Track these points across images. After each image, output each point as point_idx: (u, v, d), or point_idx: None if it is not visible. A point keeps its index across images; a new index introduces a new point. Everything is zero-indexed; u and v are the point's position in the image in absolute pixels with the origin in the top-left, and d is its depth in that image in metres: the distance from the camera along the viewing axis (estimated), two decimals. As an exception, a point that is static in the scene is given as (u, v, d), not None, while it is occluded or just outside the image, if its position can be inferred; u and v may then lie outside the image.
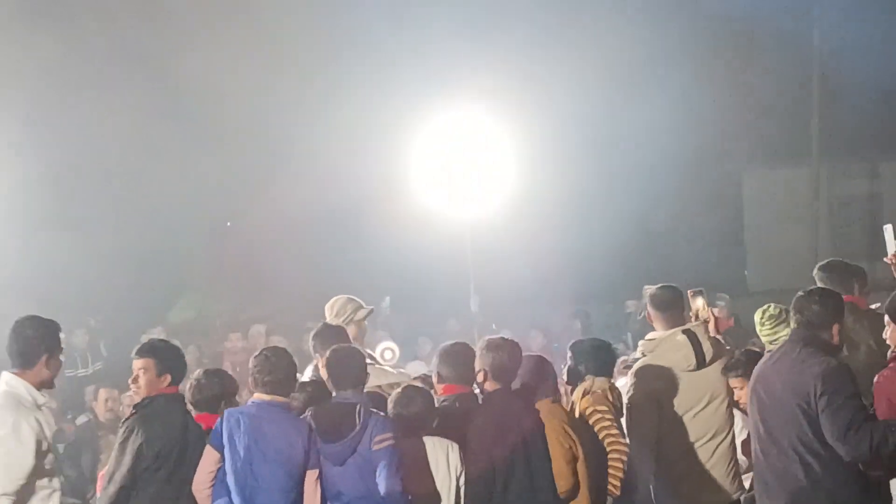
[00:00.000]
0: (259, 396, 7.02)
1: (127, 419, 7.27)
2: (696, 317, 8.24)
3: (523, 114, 15.33)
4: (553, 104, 15.96)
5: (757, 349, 8.39)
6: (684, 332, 7.86)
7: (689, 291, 8.38)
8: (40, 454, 7.02)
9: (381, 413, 7.18)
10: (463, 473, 7.14)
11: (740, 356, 7.99)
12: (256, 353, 7.22)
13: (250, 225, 18.41)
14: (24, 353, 7.12)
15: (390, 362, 11.03)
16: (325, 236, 17.33)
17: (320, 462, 6.96)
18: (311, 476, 6.90)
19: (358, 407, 6.99)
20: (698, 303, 8.34)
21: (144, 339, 9.26)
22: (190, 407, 7.41)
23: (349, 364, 7.20)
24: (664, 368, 7.80)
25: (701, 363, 7.80)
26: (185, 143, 17.76)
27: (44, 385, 7.21)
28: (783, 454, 6.56)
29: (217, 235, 19.18)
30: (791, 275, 15.40)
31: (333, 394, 7.22)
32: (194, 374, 7.59)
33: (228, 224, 19.64)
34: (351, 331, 8.72)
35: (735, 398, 7.98)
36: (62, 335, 7.51)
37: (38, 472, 7.01)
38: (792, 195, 26.99)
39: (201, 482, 6.89)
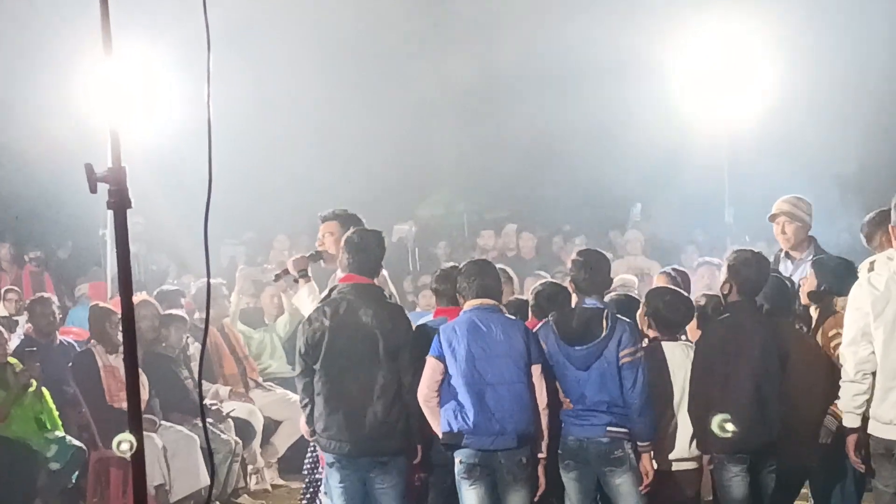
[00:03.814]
0: (470, 303, 7.01)
1: None
2: None
3: (784, 18, 14.75)
4: (817, 6, 15.28)
5: None
6: None
7: None
8: None
9: (628, 319, 7.11)
10: None
11: None
12: (464, 264, 7.23)
13: (510, 135, 18.41)
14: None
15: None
16: (584, 146, 17.17)
17: (565, 364, 6.93)
18: (536, 370, 6.89)
19: (605, 312, 6.93)
20: None
21: (396, 231, 9.47)
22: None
23: (597, 269, 7.12)
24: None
25: None
26: (442, 40, 17.85)
27: None
28: None
29: (468, 137, 19.24)
30: None
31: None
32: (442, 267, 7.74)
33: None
34: None
35: None
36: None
37: None
38: None
39: (428, 394, 6.92)
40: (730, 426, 6.86)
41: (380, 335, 7.04)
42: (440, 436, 6.91)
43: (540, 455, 6.93)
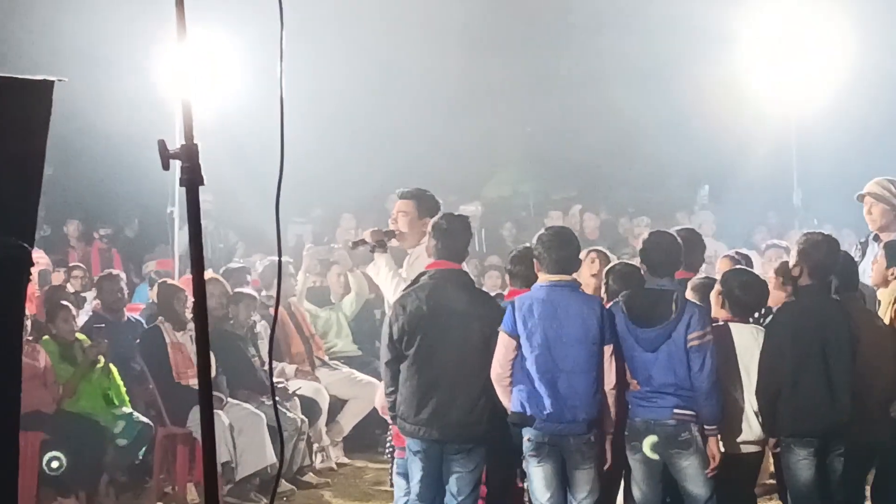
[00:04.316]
0: (546, 278, 6.93)
1: None
2: None
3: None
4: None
5: None
6: None
7: None
8: None
9: (698, 303, 7.06)
10: None
11: None
12: (539, 233, 7.11)
13: (577, 116, 18.37)
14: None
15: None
16: (652, 127, 17.09)
17: (633, 345, 6.90)
18: (608, 350, 6.85)
19: (675, 294, 6.89)
20: None
21: (461, 212, 9.44)
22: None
23: (668, 250, 7.08)
24: None
25: None
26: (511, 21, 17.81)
27: None
28: None
29: (534, 117, 19.20)
30: None
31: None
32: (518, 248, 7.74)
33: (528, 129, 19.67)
34: None
35: None
36: None
37: None
38: None
39: (502, 373, 6.88)
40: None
41: (476, 322, 7.03)
42: (509, 413, 6.89)
43: (607, 434, 6.93)
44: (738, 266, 7.87)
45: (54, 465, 9.20)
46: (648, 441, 6.87)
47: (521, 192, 19.65)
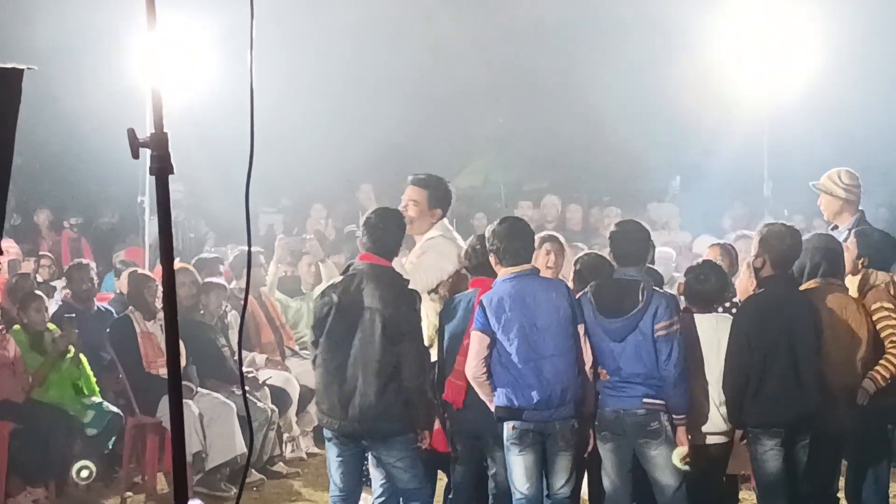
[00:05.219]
0: (508, 270, 6.94)
1: None
2: None
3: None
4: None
5: None
6: None
7: None
8: None
9: (665, 291, 7.10)
10: None
11: None
12: (492, 226, 7.06)
13: (548, 106, 18.40)
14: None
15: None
16: (623, 118, 17.13)
17: (602, 336, 6.93)
18: (581, 329, 6.91)
19: (641, 284, 6.92)
20: None
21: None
22: (465, 271, 7.46)
23: (635, 239, 7.11)
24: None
25: None
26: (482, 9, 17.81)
27: None
28: None
29: (505, 108, 19.22)
30: None
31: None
32: (469, 240, 7.57)
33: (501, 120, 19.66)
34: None
35: None
36: None
37: None
38: None
39: (477, 369, 6.86)
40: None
41: (379, 317, 6.98)
42: (492, 409, 6.89)
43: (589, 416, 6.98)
44: (701, 260, 7.86)
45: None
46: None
47: (493, 182, 19.65)
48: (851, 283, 7.64)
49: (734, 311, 7.54)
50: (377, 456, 7.18)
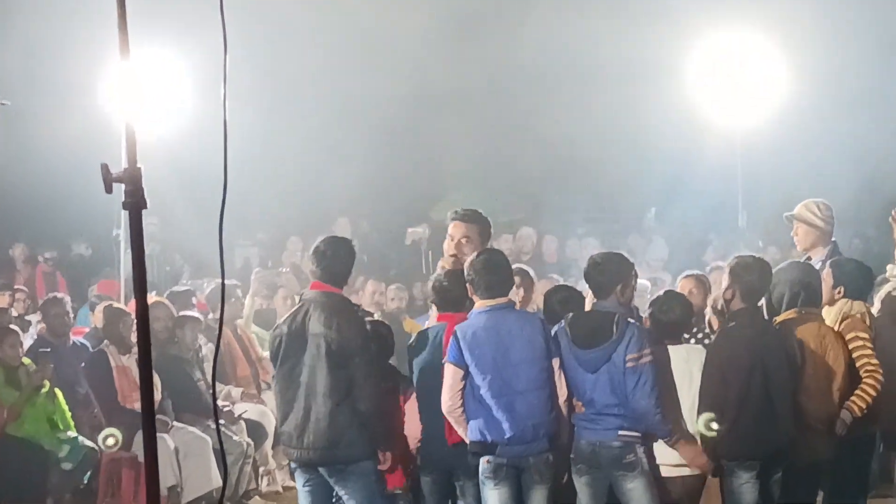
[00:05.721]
0: (484, 303, 6.92)
1: None
2: None
3: (795, 19, 14.75)
4: (827, 8, 15.24)
5: None
6: None
7: None
8: None
9: (638, 323, 7.11)
10: None
11: None
12: (471, 258, 7.00)
13: (524, 139, 18.45)
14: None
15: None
16: (598, 151, 17.19)
17: (576, 367, 6.92)
18: (556, 363, 6.89)
19: (616, 316, 6.92)
20: None
21: (409, 234, 9.41)
22: (433, 308, 7.42)
23: (610, 271, 7.11)
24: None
25: None
26: (459, 42, 17.85)
27: None
28: None
29: (482, 140, 19.27)
30: None
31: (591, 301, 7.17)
32: (435, 274, 7.52)
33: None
34: None
35: None
36: None
37: None
38: None
39: (452, 403, 6.83)
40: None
41: (324, 341, 7.00)
42: (468, 443, 6.86)
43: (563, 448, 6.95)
44: (665, 291, 7.86)
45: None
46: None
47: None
48: (828, 313, 7.66)
49: (706, 341, 7.55)
50: (338, 489, 7.18)
